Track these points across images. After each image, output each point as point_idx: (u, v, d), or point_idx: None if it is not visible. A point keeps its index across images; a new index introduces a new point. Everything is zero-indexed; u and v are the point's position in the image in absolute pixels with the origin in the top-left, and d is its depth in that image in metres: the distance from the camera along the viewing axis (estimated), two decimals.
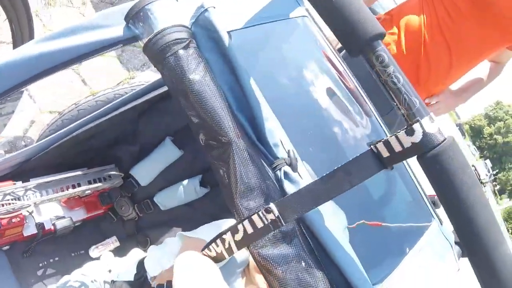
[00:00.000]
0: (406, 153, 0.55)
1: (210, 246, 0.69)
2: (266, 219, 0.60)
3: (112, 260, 1.36)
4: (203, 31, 0.74)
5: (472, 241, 0.58)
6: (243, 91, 0.72)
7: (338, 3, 0.57)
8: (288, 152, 0.71)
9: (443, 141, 0.54)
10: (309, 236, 0.68)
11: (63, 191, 1.25)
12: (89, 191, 1.32)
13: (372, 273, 0.77)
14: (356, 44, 0.57)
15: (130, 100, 1.22)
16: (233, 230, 0.64)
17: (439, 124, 0.55)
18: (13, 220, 1.14)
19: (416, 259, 0.93)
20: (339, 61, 1.08)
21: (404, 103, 0.56)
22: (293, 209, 0.60)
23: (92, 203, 1.39)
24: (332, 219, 0.73)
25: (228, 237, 0.65)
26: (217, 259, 0.70)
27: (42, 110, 2.06)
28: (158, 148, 1.44)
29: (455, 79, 1.77)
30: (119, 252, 1.43)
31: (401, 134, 0.55)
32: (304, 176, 0.72)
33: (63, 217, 1.27)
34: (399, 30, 1.67)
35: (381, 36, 0.57)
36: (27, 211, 1.20)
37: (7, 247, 1.23)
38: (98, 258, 1.37)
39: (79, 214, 1.36)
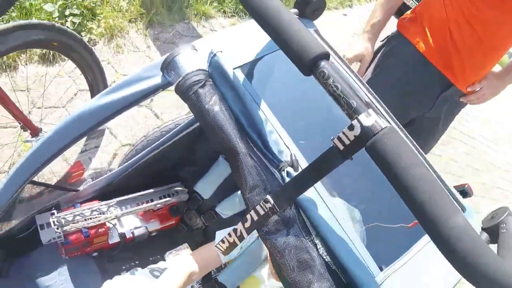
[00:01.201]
0: (353, 145, 0.65)
1: (224, 238, 0.88)
2: (266, 208, 0.79)
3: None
4: (216, 71, 0.95)
5: (422, 220, 0.61)
6: (249, 113, 0.92)
7: (284, 35, 0.72)
8: (291, 156, 0.89)
9: (380, 130, 0.62)
10: (308, 222, 0.85)
11: (138, 206, 1.52)
12: (160, 205, 1.57)
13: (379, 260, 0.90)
14: (304, 68, 0.72)
15: (185, 128, 1.46)
16: (243, 220, 0.83)
17: (376, 118, 0.64)
18: (99, 230, 1.42)
19: (429, 246, 1.01)
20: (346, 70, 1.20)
21: (345, 105, 0.67)
22: (284, 197, 0.77)
23: (164, 216, 1.64)
24: (334, 209, 0.89)
25: (239, 226, 0.84)
26: (229, 248, 0.89)
27: (122, 143, 2.38)
28: (214, 166, 1.64)
29: (493, 64, 1.74)
30: None
31: (346, 130, 0.65)
32: None
33: (140, 227, 1.54)
34: (425, 28, 1.70)
35: (322, 56, 0.70)
36: (111, 223, 1.47)
37: (95, 253, 1.50)
38: None
39: (154, 225, 1.61)
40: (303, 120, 1.08)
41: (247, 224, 0.82)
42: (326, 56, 0.72)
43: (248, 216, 0.82)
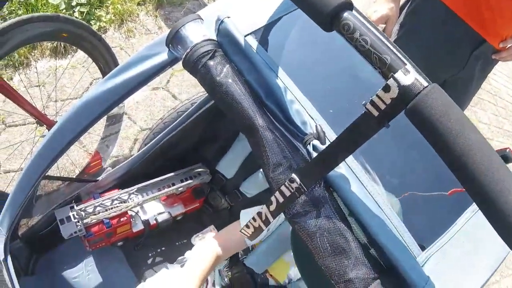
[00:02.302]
0: (391, 109, 0.54)
1: (248, 223, 0.79)
2: (292, 188, 0.68)
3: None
4: (225, 39, 0.84)
5: (476, 193, 0.52)
6: (266, 82, 0.81)
7: None
8: (316, 127, 0.79)
9: (422, 90, 0.52)
10: (340, 201, 0.75)
11: (160, 191, 1.44)
12: (182, 188, 1.49)
13: (419, 239, 0.79)
14: (325, 21, 0.60)
15: (203, 105, 1.36)
16: (268, 203, 0.73)
17: (416, 75, 0.53)
18: (122, 219, 1.35)
19: (473, 219, 0.91)
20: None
21: (377, 62, 0.56)
22: (311, 175, 0.67)
23: (187, 199, 1.57)
24: (368, 184, 0.78)
25: (264, 210, 0.74)
26: (255, 233, 0.79)
27: (142, 128, 2.31)
28: (235, 143, 1.56)
29: None
30: None
31: (380, 92, 0.54)
32: None
33: (163, 213, 1.46)
34: None
35: (345, 5, 0.59)
36: (133, 211, 1.40)
37: (121, 243, 1.44)
38: None
39: (178, 209, 1.54)
40: (327, 86, 0.96)
41: (272, 207, 0.72)
42: (349, 6, 0.60)
43: (272, 198, 0.72)
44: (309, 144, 0.76)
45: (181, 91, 2.54)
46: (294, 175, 0.68)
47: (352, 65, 1.03)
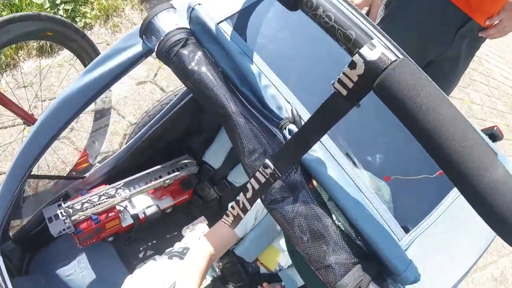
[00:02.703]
0: (358, 87, 0.51)
1: (228, 212, 0.78)
2: (266, 174, 0.67)
3: (206, 228, 1.48)
4: (198, 27, 0.82)
5: (451, 172, 0.48)
6: (240, 69, 0.79)
7: None
8: (292, 111, 0.77)
9: (389, 65, 0.48)
10: (317, 186, 0.73)
11: (147, 184, 1.43)
12: (169, 181, 1.47)
13: (404, 221, 0.78)
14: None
15: (185, 96, 1.34)
16: (244, 190, 0.71)
17: (382, 49, 0.50)
18: (110, 215, 1.34)
19: (458, 200, 0.89)
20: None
21: (342, 38, 0.54)
22: (285, 159, 0.65)
23: (176, 191, 1.55)
24: (347, 167, 0.76)
25: (241, 197, 0.73)
26: (235, 221, 0.78)
27: (131, 122, 2.29)
28: (220, 133, 1.55)
29: None
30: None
31: (347, 69, 0.51)
32: None
33: (151, 206, 1.45)
34: None
35: None
36: (121, 205, 1.39)
37: (111, 238, 1.44)
38: None
39: (167, 202, 1.53)
40: (305, 69, 0.94)
41: (249, 194, 0.71)
42: None
43: (248, 185, 0.71)
44: (285, 128, 0.75)
45: (169, 84, 2.52)
46: (267, 161, 0.66)
47: (330, 47, 1.01)
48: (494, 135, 1.14)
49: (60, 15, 2.54)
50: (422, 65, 1.77)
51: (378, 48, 0.50)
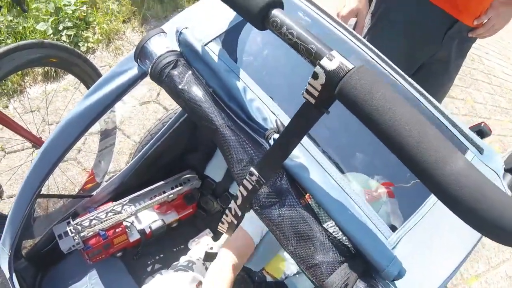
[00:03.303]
0: (323, 96, 0.56)
1: (223, 219, 0.83)
2: (252, 181, 0.73)
3: (211, 241, 1.48)
4: (186, 49, 0.89)
5: (412, 168, 0.51)
6: (226, 85, 0.85)
7: None
8: (276, 122, 0.83)
9: (346, 72, 0.52)
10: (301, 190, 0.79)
11: (152, 200, 1.49)
12: (172, 195, 1.53)
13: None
14: (256, 20, 0.64)
15: (182, 115, 1.41)
16: (235, 197, 0.77)
17: (341, 59, 0.54)
18: (117, 230, 1.40)
19: None
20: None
21: (304, 52, 0.59)
22: (268, 166, 0.71)
23: (180, 205, 1.61)
24: (331, 169, 0.81)
25: (232, 205, 0.78)
26: (230, 228, 0.83)
27: (136, 142, 2.36)
28: (218, 148, 1.61)
29: None
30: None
31: (311, 80, 0.56)
32: None
33: (157, 220, 1.51)
34: None
35: (273, 3, 0.62)
36: (128, 221, 1.46)
37: (120, 253, 1.49)
38: None
39: (172, 216, 1.58)
40: (287, 81, 1.00)
41: (239, 201, 0.77)
42: (277, 4, 0.63)
43: (238, 193, 0.77)
44: (271, 138, 0.81)
45: (172, 103, 2.60)
46: (252, 169, 0.72)
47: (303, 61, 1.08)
48: (482, 131, 1.17)
49: (63, 40, 2.63)
50: (412, 70, 1.79)
51: (337, 58, 0.55)
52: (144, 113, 2.51)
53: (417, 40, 1.69)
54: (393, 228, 0.83)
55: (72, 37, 2.67)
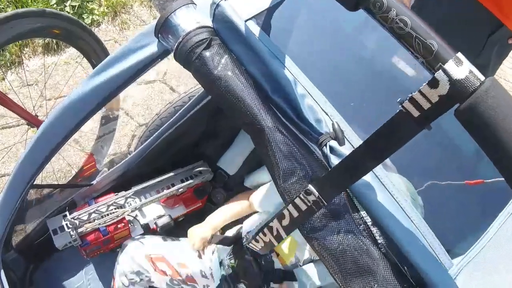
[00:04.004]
0: (436, 109, 0.42)
1: (257, 237, 0.67)
2: (308, 201, 0.56)
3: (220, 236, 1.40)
4: (223, 26, 0.71)
5: None
6: (272, 74, 0.68)
7: None
8: (333, 125, 0.66)
9: (479, 86, 0.41)
10: (362, 211, 0.63)
11: (159, 193, 1.32)
12: (182, 189, 1.36)
13: (447, 247, 0.68)
14: None
15: (201, 99, 1.23)
16: (279, 216, 0.61)
17: (470, 66, 0.41)
18: (119, 226, 1.24)
19: (507, 224, 0.79)
20: None
21: (420, 49, 0.44)
22: (332, 186, 0.54)
23: (189, 199, 1.44)
24: (393, 190, 0.66)
25: (275, 224, 0.62)
26: (265, 247, 0.67)
27: (140, 123, 2.18)
28: (238, 138, 1.44)
29: None
30: None
31: (425, 87, 0.42)
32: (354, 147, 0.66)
33: (163, 216, 1.34)
34: None
35: None
36: (131, 215, 1.29)
37: (119, 248, 1.33)
38: None
39: (179, 210, 1.42)
40: (340, 76, 0.83)
41: (285, 222, 0.60)
42: None
43: (285, 212, 0.60)
44: (325, 145, 0.64)
45: (179, 83, 2.41)
46: (311, 186, 0.55)
47: (366, 54, 0.90)
48: None
49: (67, 11, 2.44)
50: None
51: (466, 65, 0.41)
52: (149, 93, 2.32)
53: (457, 40, 1.54)
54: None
55: (76, 8, 2.46)
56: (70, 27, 1.58)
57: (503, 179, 0.78)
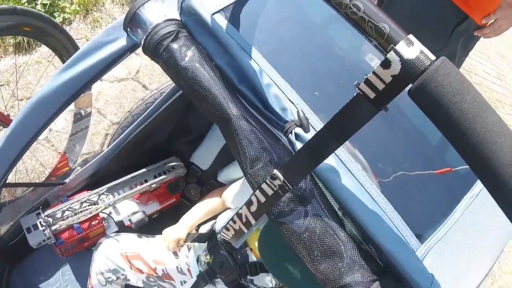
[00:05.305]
0: (390, 90, 0.44)
1: (228, 225, 0.68)
2: (274, 186, 0.57)
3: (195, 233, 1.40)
4: (190, 18, 0.72)
5: (499, 188, 0.42)
6: (239, 65, 0.69)
7: None
8: (298, 113, 0.68)
9: (429, 65, 0.42)
10: (329, 196, 0.65)
11: (132, 189, 1.31)
12: (155, 185, 1.36)
13: (416, 232, 0.71)
14: None
15: (172, 95, 1.23)
16: (248, 202, 0.62)
17: (421, 47, 0.43)
18: (93, 223, 1.23)
19: (476, 203, 0.82)
20: None
21: (372, 32, 0.46)
22: (296, 170, 0.56)
23: (163, 195, 1.44)
24: (358, 174, 0.68)
25: (244, 211, 0.63)
26: (236, 235, 0.69)
27: (113, 122, 2.16)
28: (209, 133, 1.45)
29: None
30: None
31: (378, 69, 0.44)
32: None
33: (137, 212, 1.34)
34: None
35: None
36: (105, 213, 1.28)
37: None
38: None
39: (153, 207, 1.41)
40: (306, 67, 0.84)
41: (253, 208, 0.62)
42: None
43: (253, 198, 0.61)
44: (291, 132, 0.65)
45: (152, 80, 2.39)
46: (276, 171, 0.57)
47: (332, 43, 0.92)
48: None
49: (38, 9, 2.39)
50: None
51: (416, 46, 0.43)
52: (122, 91, 2.30)
53: (425, 31, 1.58)
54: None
55: (47, 6, 2.42)
56: (41, 24, 1.56)
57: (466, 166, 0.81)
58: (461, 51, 1.67)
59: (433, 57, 0.42)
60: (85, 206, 1.21)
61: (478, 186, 0.85)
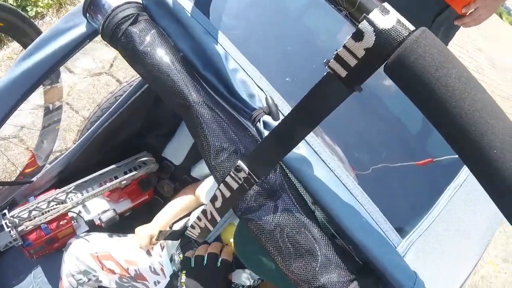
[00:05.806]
0: (364, 66, 0.38)
1: (193, 223, 0.63)
2: (239, 178, 0.52)
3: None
4: (152, 1, 0.67)
5: (488, 174, 0.37)
6: (203, 49, 0.64)
7: None
8: (266, 100, 0.62)
9: (408, 36, 0.36)
10: (300, 188, 0.59)
11: (101, 186, 1.24)
12: (126, 181, 1.29)
13: (397, 226, 0.66)
14: None
15: (140, 87, 1.17)
16: (212, 198, 0.56)
17: (397, 15, 0.37)
18: (61, 223, 1.16)
19: (459, 194, 0.78)
20: None
21: (343, 2, 0.41)
22: (263, 161, 0.50)
23: (134, 192, 1.37)
24: (333, 164, 0.63)
25: (208, 207, 0.58)
26: (202, 233, 0.63)
27: (85, 117, 2.08)
28: (181, 127, 1.39)
29: None
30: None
31: (350, 41, 0.37)
32: None
33: (107, 211, 1.27)
34: None
35: None
36: (74, 212, 1.21)
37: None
38: None
39: (125, 205, 1.34)
40: (278, 52, 0.79)
41: (218, 204, 0.56)
42: None
43: (217, 193, 0.55)
44: (259, 121, 0.60)
45: (126, 75, 2.31)
46: (240, 162, 0.51)
47: (305, 28, 0.87)
48: None
49: (10, 3, 2.29)
50: None
51: (392, 14, 0.37)
52: (95, 86, 2.21)
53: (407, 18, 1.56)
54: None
55: (20, 0, 2.32)
56: (10, 18, 1.48)
57: (451, 156, 0.77)
58: (442, 40, 1.64)
59: (412, 27, 0.37)
60: (53, 205, 1.14)
61: (462, 175, 0.81)
